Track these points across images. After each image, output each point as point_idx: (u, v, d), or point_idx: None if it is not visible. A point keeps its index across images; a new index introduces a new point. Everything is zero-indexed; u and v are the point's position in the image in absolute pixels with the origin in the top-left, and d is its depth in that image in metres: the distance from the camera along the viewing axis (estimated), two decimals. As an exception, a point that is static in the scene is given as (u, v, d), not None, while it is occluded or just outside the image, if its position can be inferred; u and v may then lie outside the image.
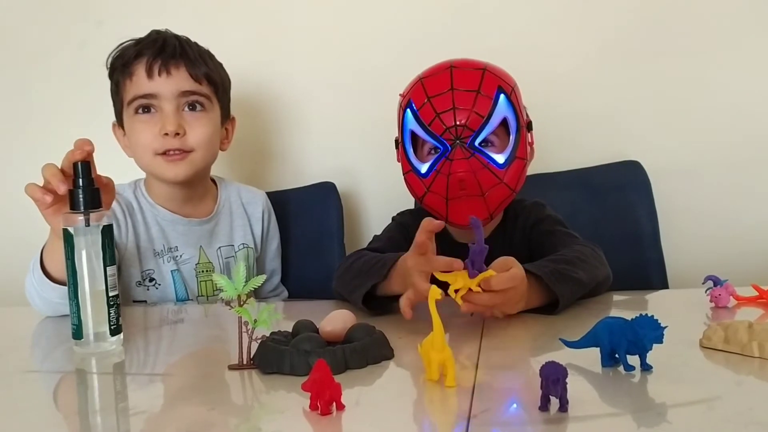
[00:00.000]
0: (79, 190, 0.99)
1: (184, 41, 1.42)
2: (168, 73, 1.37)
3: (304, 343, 0.85)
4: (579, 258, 1.15)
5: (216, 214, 1.49)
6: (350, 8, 1.80)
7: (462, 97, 1.20)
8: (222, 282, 0.86)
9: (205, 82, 1.40)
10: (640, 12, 1.71)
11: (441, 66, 1.25)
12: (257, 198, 1.58)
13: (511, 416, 0.71)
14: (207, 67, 1.41)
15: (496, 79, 1.21)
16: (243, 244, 1.52)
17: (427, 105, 1.21)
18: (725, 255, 1.67)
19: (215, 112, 1.44)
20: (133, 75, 1.38)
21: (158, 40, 1.39)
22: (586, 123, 1.73)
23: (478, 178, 1.20)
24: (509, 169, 1.22)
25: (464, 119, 1.19)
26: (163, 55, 1.37)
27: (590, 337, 0.83)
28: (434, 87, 1.22)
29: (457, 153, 1.20)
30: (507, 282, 0.99)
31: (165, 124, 1.36)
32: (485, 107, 1.20)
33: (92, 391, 0.90)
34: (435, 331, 0.78)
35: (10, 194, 1.90)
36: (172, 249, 1.44)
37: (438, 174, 1.21)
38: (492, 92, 1.20)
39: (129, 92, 1.38)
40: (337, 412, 0.71)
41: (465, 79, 1.21)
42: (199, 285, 1.46)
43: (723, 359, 0.83)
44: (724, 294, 1.07)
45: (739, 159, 1.69)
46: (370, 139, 1.79)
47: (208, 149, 1.42)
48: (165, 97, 1.37)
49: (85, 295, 0.98)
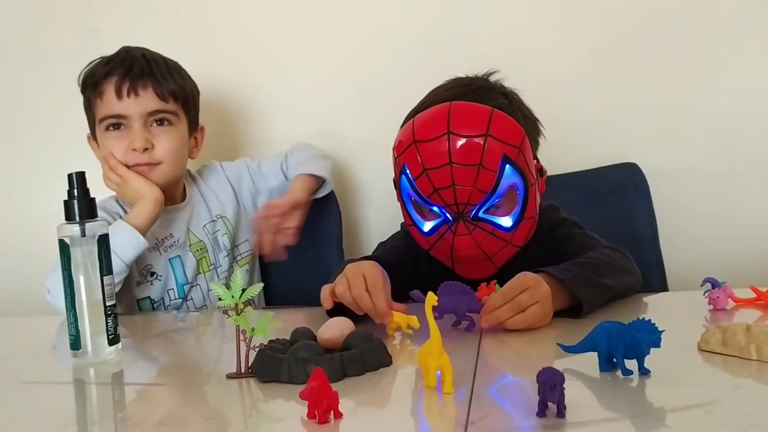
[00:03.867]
0: (75, 201, 0.99)
1: (150, 59, 1.48)
2: (136, 94, 1.44)
3: (302, 351, 0.85)
4: (606, 262, 1.13)
5: (189, 199, 1.57)
6: (350, 14, 1.80)
7: (462, 173, 1.09)
8: (219, 291, 0.86)
9: (172, 100, 1.48)
10: (637, 14, 1.71)
11: (436, 122, 1.12)
12: (213, 170, 1.65)
13: (508, 422, 0.71)
14: (174, 83, 1.48)
15: (500, 147, 1.09)
16: (218, 215, 1.59)
17: (424, 177, 1.11)
18: (723, 257, 1.67)
19: (182, 125, 1.51)
20: (103, 94, 1.45)
21: (126, 60, 1.46)
22: (584, 125, 1.73)
23: (484, 248, 1.14)
24: (517, 230, 1.15)
25: (465, 198, 1.10)
26: (130, 76, 1.44)
27: (588, 341, 0.83)
28: (431, 157, 1.10)
29: (460, 228, 1.13)
30: (516, 288, 1.00)
31: (133, 140, 1.44)
32: (489, 183, 1.10)
33: (90, 401, 0.90)
34: (432, 338, 0.78)
35: (9, 202, 1.92)
36: (166, 238, 1.51)
37: (440, 238, 1.16)
38: (496, 165, 1.09)
39: (100, 111, 1.46)
40: (335, 421, 0.71)
41: (465, 150, 1.09)
42: (198, 263, 1.53)
43: (721, 362, 0.83)
44: (722, 296, 1.07)
45: (737, 161, 1.69)
46: (369, 145, 1.79)
47: (176, 161, 1.50)
48: (133, 117, 1.44)
49: (82, 306, 0.98)
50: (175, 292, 1.51)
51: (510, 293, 1.01)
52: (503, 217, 1.15)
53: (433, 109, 1.16)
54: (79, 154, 1.53)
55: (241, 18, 1.83)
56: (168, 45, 1.56)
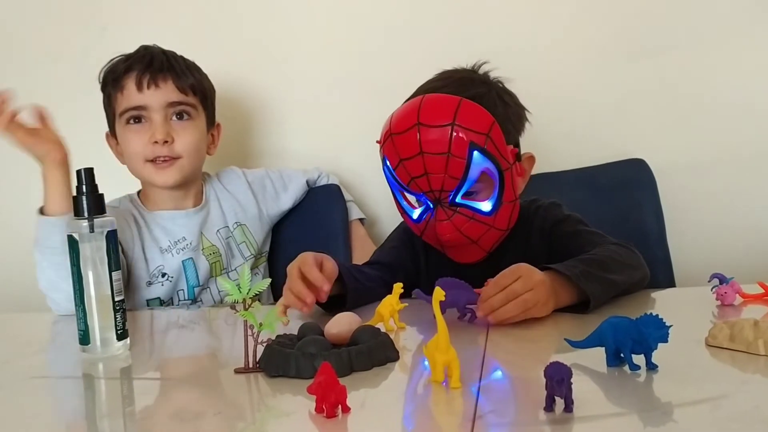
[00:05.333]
0: (83, 197, 1.00)
1: (170, 56, 1.50)
2: (156, 86, 1.45)
3: (310, 346, 0.86)
4: (612, 258, 1.13)
5: (206, 203, 1.57)
6: (353, 10, 1.80)
7: (433, 161, 1.14)
8: (227, 286, 0.86)
9: (191, 93, 1.49)
10: (644, 9, 1.70)
11: (408, 115, 1.17)
12: (233, 175, 1.64)
13: (516, 417, 0.71)
14: (193, 78, 1.50)
15: (467, 134, 1.14)
16: (236, 223, 1.58)
17: (401, 167, 1.17)
18: (731, 252, 1.66)
19: (201, 120, 1.52)
20: (124, 88, 1.46)
21: (146, 56, 1.48)
22: (591, 121, 1.73)
23: (465, 232, 1.18)
24: (497, 214, 1.19)
25: (439, 185, 1.15)
26: (151, 69, 1.46)
27: (595, 336, 0.83)
28: (404, 147, 1.16)
29: (439, 214, 1.18)
30: (509, 276, 1.02)
31: (154, 132, 1.45)
32: (458, 169, 1.14)
33: (99, 396, 0.91)
34: (440, 333, 0.78)
35: (14, 199, 1.92)
36: (179, 241, 1.51)
37: (428, 225, 1.21)
38: (464, 152, 1.14)
39: (120, 104, 1.47)
40: (343, 415, 0.71)
41: (433, 140, 1.14)
42: (212, 266, 1.53)
43: (729, 357, 0.83)
44: (729, 292, 1.07)
45: (744, 156, 1.68)
46: (374, 141, 1.78)
47: (195, 155, 1.50)
48: (154, 108, 1.45)
49: (91, 301, 0.99)
50: (185, 293, 1.51)
51: (503, 280, 1.02)
52: (482, 202, 1.19)
53: (408, 102, 1.21)
54: (87, 150, 1.53)
55: (248, 16, 1.83)
56: (175, 43, 1.57)
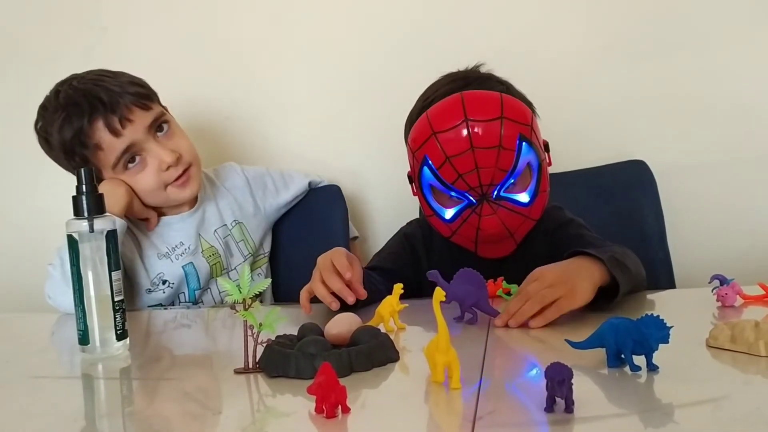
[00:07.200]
0: (83, 196, 0.99)
1: (107, 85, 1.38)
2: (129, 120, 1.36)
3: (310, 346, 0.85)
4: (626, 253, 1.15)
5: (200, 204, 1.53)
6: (353, 11, 1.81)
7: (484, 156, 1.16)
8: (227, 286, 0.86)
9: (153, 102, 1.42)
10: (645, 10, 1.71)
11: (452, 112, 1.18)
12: (232, 172, 1.63)
13: (516, 417, 0.71)
14: (138, 88, 1.40)
15: (515, 127, 1.17)
16: (234, 221, 1.56)
17: (447, 165, 1.18)
18: (732, 254, 1.66)
19: (173, 118, 1.48)
20: (101, 143, 1.36)
21: (84, 100, 1.35)
22: (591, 122, 1.73)
23: (507, 225, 1.21)
24: (534, 204, 1.22)
25: (489, 179, 1.18)
26: (111, 109, 1.35)
27: (596, 337, 0.83)
28: (452, 145, 1.17)
29: (485, 209, 1.20)
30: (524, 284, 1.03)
31: (160, 161, 1.39)
32: (509, 161, 1.18)
33: (99, 396, 0.90)
34: (440, 333, 0.78)
35: (16, 199, 1.92)
36: (177, 246, 1.49)
37: (464, 222, 1.22)
38: (513, 144, 1.17)
39: (107, 158, 1.37)
40: (343, 415, 0.71)
41: (484, 134, 1.16)
42: (212, 268, 1.51)
43: (730, 359, 0.83)
44: (730, 293, 1.06)
45: (745, 157, 1.68)
46: (375, 142, 1.79)
47: (195, 153, 1.48)
48: (141, 140, 1.38)
49: (90, 301, 0.99)
50: (186, 296, 1.50)
51: (521, 289, 1.03)
52: (520, 194, 1.22)
53: (444, 101, 1.21)
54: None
55: (248, 16, 1.84)
56: (175, 43, 1.57)
